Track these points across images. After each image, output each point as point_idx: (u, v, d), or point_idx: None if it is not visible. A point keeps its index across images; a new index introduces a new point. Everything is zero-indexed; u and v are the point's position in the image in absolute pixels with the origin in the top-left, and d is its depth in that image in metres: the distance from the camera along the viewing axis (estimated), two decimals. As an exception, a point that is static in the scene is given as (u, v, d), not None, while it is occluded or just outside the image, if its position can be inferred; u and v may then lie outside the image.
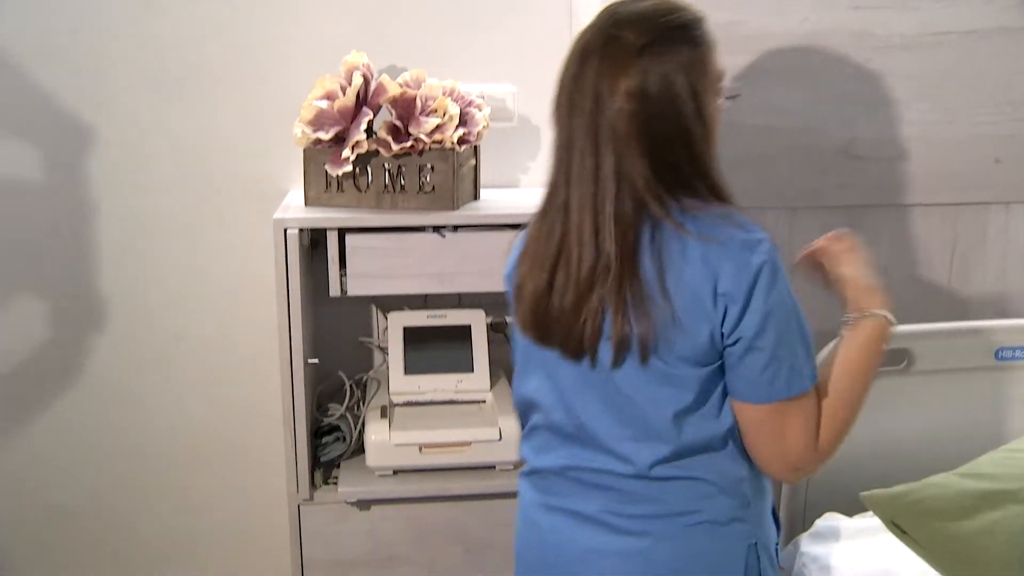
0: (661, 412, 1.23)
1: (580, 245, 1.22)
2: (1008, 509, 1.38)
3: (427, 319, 2.12)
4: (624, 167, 1.19)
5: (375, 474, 1.95)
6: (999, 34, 1.94)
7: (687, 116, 1.20)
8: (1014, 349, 1.83)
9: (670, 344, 1.20)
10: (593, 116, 1.21)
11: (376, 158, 1.91)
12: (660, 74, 1.19)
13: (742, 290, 1.16)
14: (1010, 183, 2.03)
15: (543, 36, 2.20)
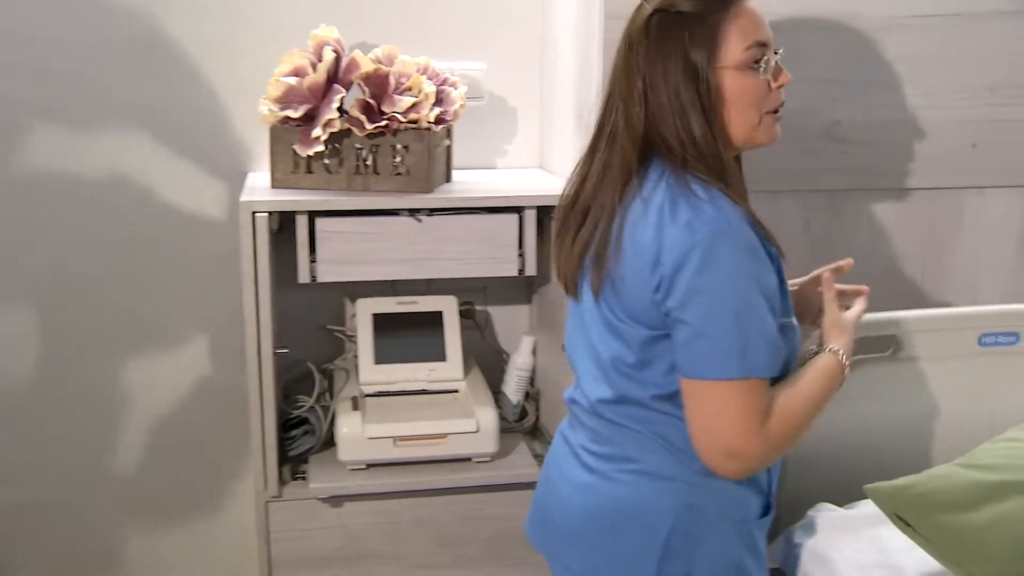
0: (605, 355, 1.29)
1: (585, 191, 1.33)
2: (1014, 500, 1.36)
3: (397, 306, 2.04)
4: (625, 131, 1.27)
5: (347, 468, 1.87)
6: (983, 17, 1.92)
7: (685, 91, 1.23)
8: (996, 335, 1.82)
9: (616, 295, 1.25)
10: (616, 85, 1.30)
11: (348, 138, 1.82)
12: (661, 48, 1.24)
13: (673, 265, 1.18)
14: (985, 168, 2.02)
15: (515, 13, 2.13)
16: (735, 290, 1.17)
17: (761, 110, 1.27)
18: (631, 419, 1.30)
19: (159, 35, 1.98)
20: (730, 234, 1.17)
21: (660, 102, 1.24)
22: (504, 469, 1.93)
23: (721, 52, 1.23)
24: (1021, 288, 2.08)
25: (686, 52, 1.23)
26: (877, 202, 2.00)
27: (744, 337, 1.17)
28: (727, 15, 1.24)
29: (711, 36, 1.23)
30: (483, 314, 2.26)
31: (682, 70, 1.23)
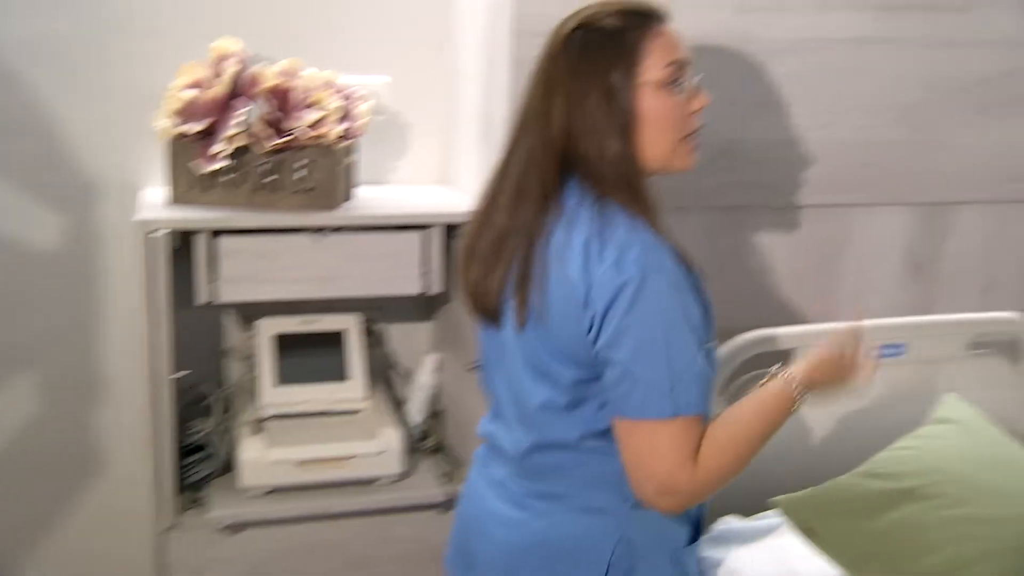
0: (532, 401, 1.27)
1: (496, 212, 1.28)
2: (910, 507, 1.42)
3: (299, 325, 1.99)
4: (541, 151, 1.24)
5: (248, 494, 1.81)
6: (871, 43, 2.01)
7: (595, 113, 1.22)
8: (886, 347, 1.90)
9: (545, 332, 1.22)
10: (530, 101, 1.28)
11: (250, 154, 1.77)
12: (579, 65, 1.23)
13: (603, 303, 1.16)
14: (874, 186, 2.10)
15: (419, 27, 2.11)
16: (665, 328, 1.16)
17: (678, 132, 1.27)
18: (561, 462, 1.28)
19: (51, 43, 1.88)
20: (658, 271, 1.16)
21: (580, 119, 1.22)
22: (410, 490, 1.91)
23: (641, 69, 1.23)
24: (906, 301, 2.18)
25: (607, 68, 1.22)
26: (773, 219, 2.06)
27: (674, 375, 1.16)
28: (648, 33, 1.24)
29: (631, 52, 1.23)
30: (384, 332, 2.23)
31: (602, 86, 1.22)
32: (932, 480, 1.47)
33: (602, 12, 1.25)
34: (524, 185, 1.26)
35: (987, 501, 1.44)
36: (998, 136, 2.16)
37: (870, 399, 1.88)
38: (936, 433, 1.60)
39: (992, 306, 2.24)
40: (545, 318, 1.21)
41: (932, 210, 2.16)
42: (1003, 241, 2.24)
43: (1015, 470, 1.52)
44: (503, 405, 1.34)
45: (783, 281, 2.08)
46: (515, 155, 1.29)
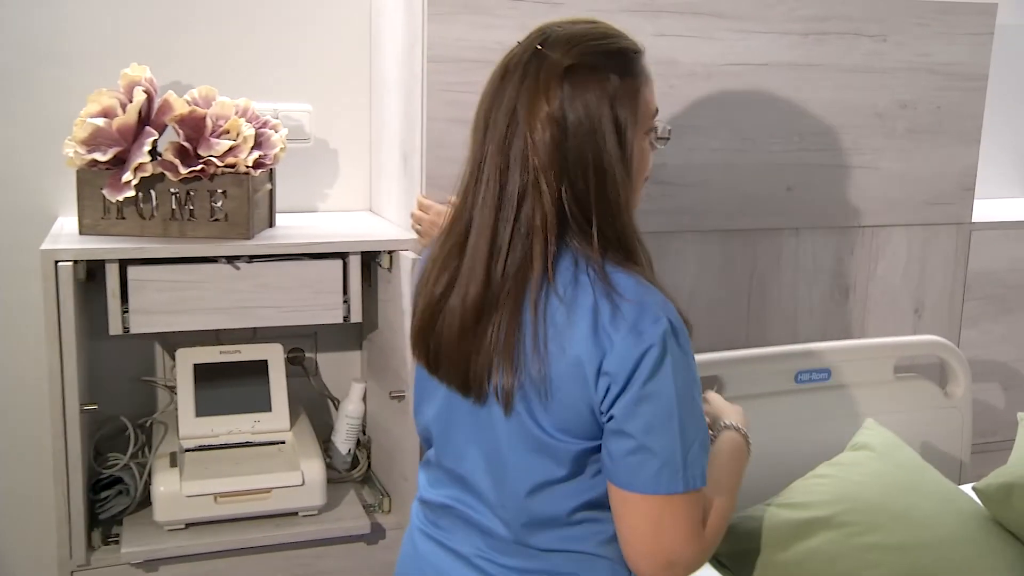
0: (527, 478, 1.14)
1: (472, 273, 1.12)
2: (821, 536, 1.40)
3: (219, 355, 1.96)
4: (530, 198, 1.09)
5: (164, 529, 1.76)
6: (792, 68, 2.02)
7: (608, 152, 1.09)
8: (811, 372, 1.89)
9: (544, 408, 1.10)
10: (506, 137, 1.10)
11: (162, 183, 1.74)
12: (584, 101, 1.09)
13: (623, 373, 1.06)
14: (800, 210, 2.11)
15: (341, 54, 2.11)
16: (679, 398, 1.07)
17: (646, 175, 1.20)
18: (554, 539, 1.17)
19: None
20: (673, 334, 1.07)
21: (582, 168, 1.09)
22: (333, 522, 1.87)
23: (640, 116, 1.13)
24: (836, 324, 2.18)
25: (614, 112, 1.10)
26: (700, 243, 2.05)
27: (686, 447, 1.08)
28: (640, 78, 1.14)
29: (635, 98, 1.12)
30: (313, 361, 2.20)
31: (611, 132, 1.09)
32: (844, 508, 1.45)
33: (604, 49, 1.13)
34: (515, 250, 1.10)
35: (898, 528, 1.42)
36: (921, 160, 2.18)
37: (796, 425, 1.88)
38: (851, 460, 1.59)
39: (924, 328, 2.25)
40: (546, 394, 1.10)
41: (859, 233, 2.17)
42: (930, 264, 2.25)
43: (927, 496, 1.51)
44: (477, 478, 1.19)
45: (711, 307, 2.07)
46: (486, 210, 1.12)
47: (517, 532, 1.17)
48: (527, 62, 1.12)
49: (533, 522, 1.16)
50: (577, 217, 1.09)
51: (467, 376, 1.14)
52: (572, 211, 1.09)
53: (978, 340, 2.34)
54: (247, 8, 2.03)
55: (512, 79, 1.12)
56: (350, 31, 2.10)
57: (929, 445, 1.97)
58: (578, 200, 1.09)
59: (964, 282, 2.29)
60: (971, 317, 2.32)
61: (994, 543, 1.45)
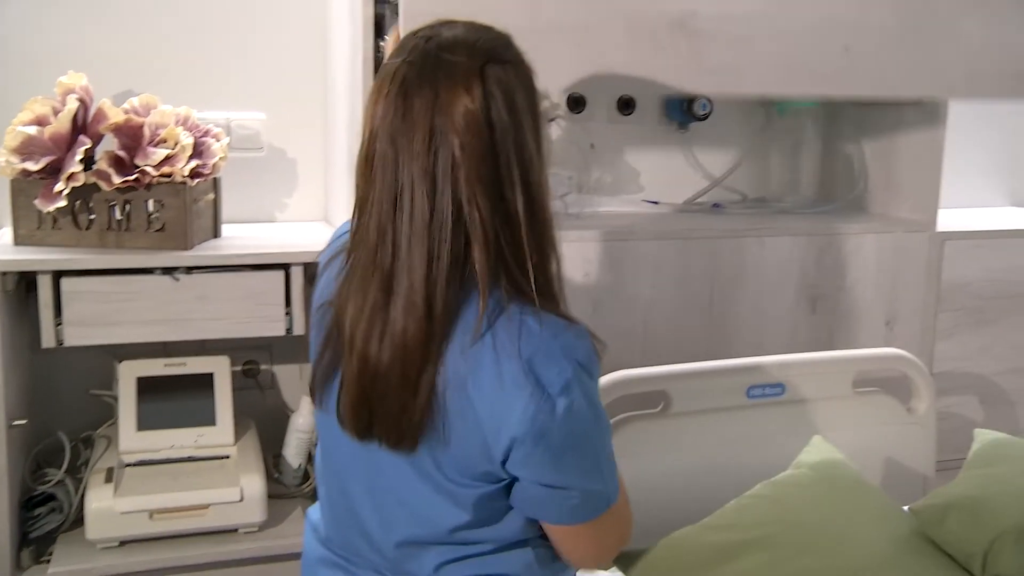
0: (438, 523, 1.08)
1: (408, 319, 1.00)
2: (749, 559, 1.35)
3: (164, 368, 1.92)
4: (464, 223, 0.98)
5: (97, 547, 1.73)
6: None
7: (528, 146, 1.01)
8: (763, 387, 1.83)
9: (444, 452, 1.03)
10: (427, 157, 0.98)
11: (98, 193, 1.72)
12: (505, 95, 1.00)
13: (532, 434, 0.99)
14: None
15: (295, 63, 2.08)
16: (596, 435, 1.05)
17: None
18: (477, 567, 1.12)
19: None
20: (582, 378, 1.00)
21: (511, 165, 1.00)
22: (274, 539, 1.83)
23: (538, 102, 1.05)
24: (802, 335, 2.12)
25: (533, 112, 1.02)
26: (658, 252, 2.00)
27: (607, 473, 1.07)
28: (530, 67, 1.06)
29: (531, 85, 1.05)
30: (268, 373, 2.16)
31: (531, 127, 1.01)
32: (776, 530, 1.40)
33: (503, 43, 1.04)
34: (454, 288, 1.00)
35: (829, 551, 1.37)
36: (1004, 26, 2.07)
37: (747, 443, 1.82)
38: (790, 480, 1.54)
39: (896, 341, 2.18)
40: (445, 442, 1.03)
41: (826, 241, 2.11)
42: (902, 274, 2.18)
43: (863, 517, 1.45)
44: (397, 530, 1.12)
45: (670, 318, 2.02)
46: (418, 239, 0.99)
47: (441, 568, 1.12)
48: (434, 72, 1.00)
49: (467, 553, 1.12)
50: (510, 242, 0.99)
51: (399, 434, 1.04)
52: (504, 236, 0.99)
53: (954, 353, 2.28)
54: (199, 17, 2.01)
55: (422, 94, 0.99)
56: (304, 39, 2.07)
57: (891, 462, 1.90)
58: (509, 220, 0.99)
59: (938, 293, 2.23)
60: (947, 329, 2.26)
61: (927, 565, 1.39)
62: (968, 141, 2.65)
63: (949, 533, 1.41)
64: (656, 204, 2.32)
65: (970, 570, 1.42)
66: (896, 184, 2.29)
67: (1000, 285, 2.29)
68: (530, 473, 1.03)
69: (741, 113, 2.42)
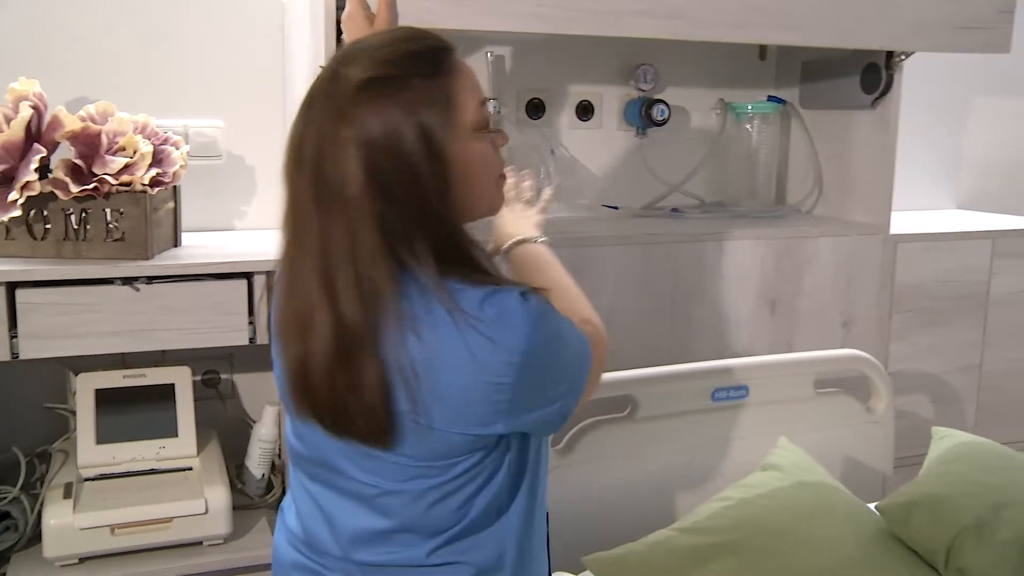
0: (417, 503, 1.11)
1: (321, 321, 1.04)
2: (721, 562, 1.37)
3: (123, 379, 1.89)
4: (354, 230, 1.01)
5: (55, 565, 1.69)
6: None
7: (418, 165, 1.02)
8: (728, 389, 1.85)
9: (415, 442, 1.06)
10: (316, 169, 1.03)
11: (54, 202, 1.68)
12: (384, 115, 1.02)
13: (510, 382, 1.03)
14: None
15: (253, 69, 2.06)
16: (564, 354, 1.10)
17: (493, 175, 1.13)
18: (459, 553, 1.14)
19: None
20: (537, 325, 1.04)
21: (391, 184, 1.02)
22: (239, 551, 1.80)
23: (456, 118, 1.06)
24: (763, 338, 2.15)
25: (417, 120, 1.03)
26: (621, 257, 2.01)
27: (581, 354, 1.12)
28: (452, 74, 1.07)
29: (443, 99, 1.05)
30: (229, 383, 2.13)
31: (416, 142, 1.02)
32: (747, 533, 1.42)
33: (396, 56, 1.06)
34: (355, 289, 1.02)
35: (799, 552, 1.39)
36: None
37: (713, 445, 1.84)
38: (759, 481, 1.56)
39: (853, 342, 2.22)
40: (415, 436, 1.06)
41: (784, 245, 2.14)
42: (857, 276, 2.22)
43: (831, 517, 1.48)
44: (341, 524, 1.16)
45: (631, 322, 2.03)
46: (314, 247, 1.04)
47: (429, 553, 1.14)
48: (328, 85, 1.05)
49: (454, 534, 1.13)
50: (405, 241, 1.02)
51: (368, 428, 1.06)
52: (398, 235, 1.02)
53: (907, 353, 2.33)
54: (155, 23, 1.98)
55: (316, 106, 1.05)
56: (262, 46, 2.05)
57: (852, 461, 1.94)
58: (402, 223, 1.02)
59: (891, 295, 2.27)
60: (900, 330, 2.30)
61: (896, 563, 1.42)
62: (914, 145, 2.72)
63: (914, 531, 1.44)
64: (616, 209, 2.34)
65: (934, 566, 1.45)
66: (849, 188, 2.34)
67: (950, 286, 2.34)
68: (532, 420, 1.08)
69: (698, 118, 2.45)
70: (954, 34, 2.04)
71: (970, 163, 2.86)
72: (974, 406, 2.43)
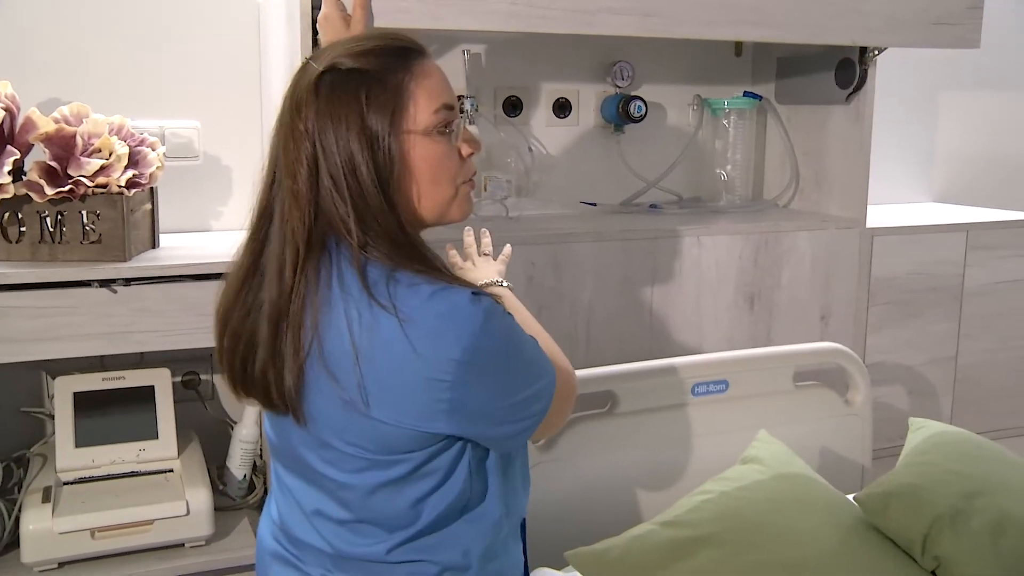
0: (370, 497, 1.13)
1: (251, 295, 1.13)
2: (702, 555, 1.37)
3: (102, 382, 1.88)
4: (294, 217, 1.07)
5: (34, 570, 1.68)
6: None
7: (360, 164, 1.06)
8: (708, 384, 1.86)
9: (356, 425, 1.08)
10: (273, 155, 1.12)
11: (29, 204, 1.67)
12: (333, 110, 1.07)
13: (457, 383, 1.04)
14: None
15: (230, 70, 2.05)
16: (517, 357, 1.09)
17: (453, 181, 1.15)
18: (422, 552, 1.16)
19: None
20: (486, 320, 1.05)
21: (333, 175, 1.06)
22: (221, 552, 1.80)
23: (407, 116, 1.09)
24: (742, 332, 2.16)
25: (363, 115, 1.07)
26: (600, 254, 2.02)
27: (539, 368, 1.12)
28: (411, 74, 1.10)
29: (394, 98, 1.08)
30: (209, 384, 2.13)
31: (359, 137, 1.06)
32: (727, 526, 1.43)
33: (357, 51, 1.10)
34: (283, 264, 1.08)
35: (779, 545, 1.40)
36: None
37: (694, 439, 1.85)
38: (739, 475, 1.57)
39: (831, 335, 2.24)
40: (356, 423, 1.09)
41: (764, 239, 2.16)
42: (835, 270, 2.24)
43: (811, 509, 1.49)
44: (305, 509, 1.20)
45: (612, 317, 2.04)
46: (268, 226, 1.12)
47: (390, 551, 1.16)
48: (298, 76, 1.12)
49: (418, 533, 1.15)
50: (348, 233, 1.07)
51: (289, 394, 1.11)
52: (338, 227, 1.07)
53: (884, 345, 2.35)
54: (132, 24, 1.97)
55: (287, 96, 1.12)
56: (239, 46, 2.04)
57: (831, 453, 1.96)
58: (343, 215, 1.06)
59: (868, 288, 2.29)
60: (876, 322, 2.33)
61: (874, 553, 1.43)
62: (891, 139, 2.74)
63: (891, 520, 1.46)
64: (595, 206, 2.35)
65: (912, 555, 1.47)
66: (826, 182, 2.36)
67: (924, 278, 2.37)
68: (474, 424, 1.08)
69: (675, 115, 2.46)
70: (926, 30, 2.06)
71: (944, 157, 2.89)
72: (950, 397, 2.46)
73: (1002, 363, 2.52)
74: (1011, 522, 1.44)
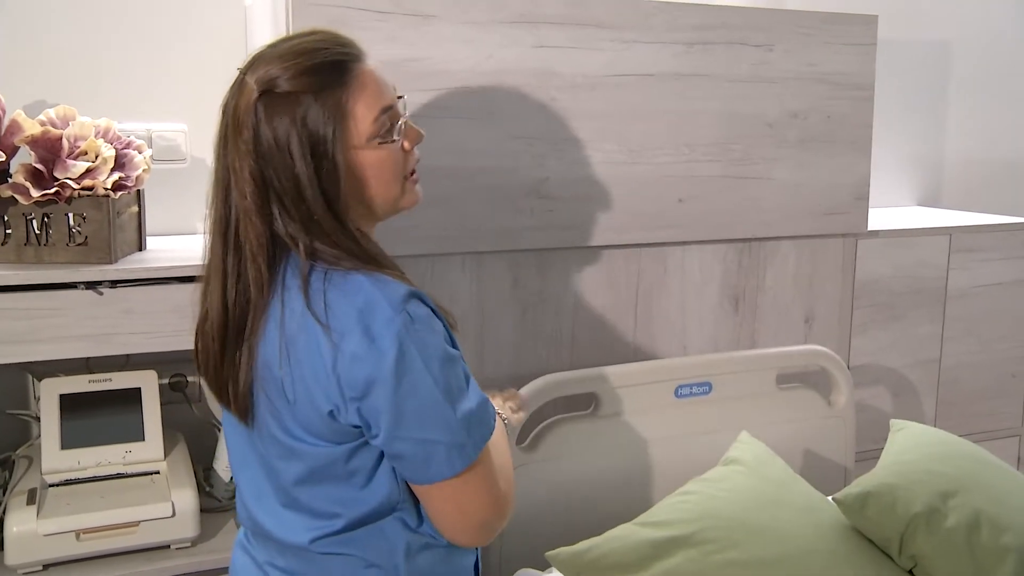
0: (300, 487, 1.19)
1: (214, 306, 1.18)
2: (680, 555, 1.39)
3: (88, 384, 1.88)
4: (245, 229, 1.13)
5: (19, 573, 1.68)
6: (674, 79, 2.01)
7: (302, 174, 1.10)
8: (691, 385, 1.88)
9: (285, 415, 1.15)
10: (221, 173, 1.15)
11: (15, 207, 1.67)
12: (273, 125, 1.10)
13: (368, 387, 1.08)
14: (692, 223, 2.10)
15: (217, 72, 2.04)
16: (439, 381, 1.09)
17: (399, 176, 1.19)
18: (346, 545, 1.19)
19: None
20: (413, 323, 1.08)
21: (280, 195, 1.11)
22: (207, 554, 1.80)
23: (348, 132, 1.13)
24: (726, 334, 2.18)
25: (302, 139, 1.10)
26: (584, 259, 2.03)
27: (466, 422, 1.11)
28: (347, 90, 1.12)
29: (333, 118, 1.11)
30: (196, 385, 2.13)
31: (302, 159, 1.10)
32: (705, 526, 1.44)
33: (292, 70, 1.12)
34: (241, 272, 1.15)
35: (757, 543, 1.41)
36: (814, 170, 2.18)
37: (677, 441, 1.86)
38: (720, 475, 1.58)
39: (815, 338, 2.26)
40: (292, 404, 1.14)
41: (748, 244, 2.17)
42: (819, 273, 2.26)
43: (790, 509, 1.50)
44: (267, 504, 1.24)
45: (597, 321, 2.05)
46: (223, 238, 1.17)
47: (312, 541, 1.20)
48: (236, 91, 1.15)
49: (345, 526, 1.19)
50: (291, 240, 1.12)
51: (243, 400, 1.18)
52: (283, 235, 1.12)
53: (868, 348, 2.37)
54: (118, 26, 1.97)
55: (226, 112, 1.15)
56: (226, 49, 2.05)
57: (813, 454, 1.97)
58: (288, 226, 1.11)
59: (852, 291, 2.31)
60: (860, 325, 2.34)
61: (852, 553, 1.45)
62: (876, 143, 2.76)
63: (868, 520, 1.47)
64: (581, 209, 2.35)
65: (889, 554, 1.48)
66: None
67: (907, 281, 2.39)
68: (376, 430, 1.10)
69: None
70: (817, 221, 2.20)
71: (928, 162, 2.91)
72: (933, 399, 2.48)
73: (985, 365, 2.54)
74: (985, 520, 1.46)
